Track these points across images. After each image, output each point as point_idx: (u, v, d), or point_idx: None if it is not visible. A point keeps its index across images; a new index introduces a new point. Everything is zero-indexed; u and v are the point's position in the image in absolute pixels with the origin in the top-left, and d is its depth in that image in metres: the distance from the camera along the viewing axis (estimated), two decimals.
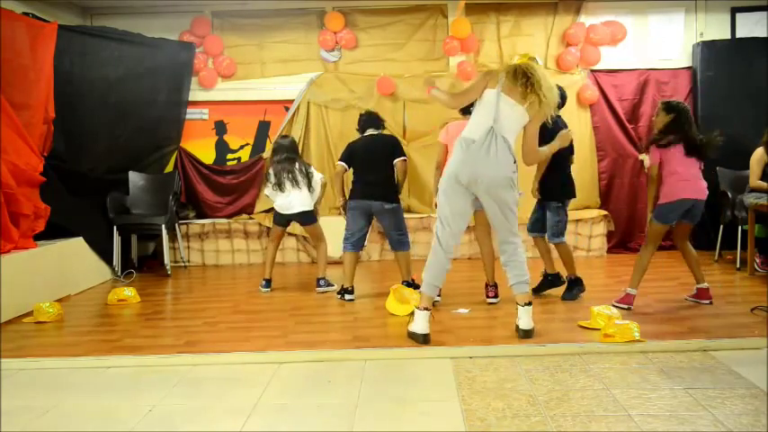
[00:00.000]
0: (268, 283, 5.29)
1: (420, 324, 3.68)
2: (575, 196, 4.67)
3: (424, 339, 3.65)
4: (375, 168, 4.76)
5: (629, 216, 6.69)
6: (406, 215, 6.52)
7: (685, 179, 4.17)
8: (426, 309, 3.71)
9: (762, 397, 2.79)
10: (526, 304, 3.70)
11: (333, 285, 5.13)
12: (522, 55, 3.94)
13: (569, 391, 2.92)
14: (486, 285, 4.61)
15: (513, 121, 3.63)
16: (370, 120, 4.93)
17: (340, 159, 4.92)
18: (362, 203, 4.74)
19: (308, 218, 5.25)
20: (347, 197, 4.91)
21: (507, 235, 3.74)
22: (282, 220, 5.30)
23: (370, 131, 4.88)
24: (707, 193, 4.26)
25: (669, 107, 4.28)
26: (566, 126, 4.43)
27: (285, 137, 5.83)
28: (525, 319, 3.69)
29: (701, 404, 2.73)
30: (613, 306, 4.03)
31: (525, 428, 2.55)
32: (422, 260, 5.86)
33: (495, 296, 4.58)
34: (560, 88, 4.44)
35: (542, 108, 3.63)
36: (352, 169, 4.88)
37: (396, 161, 4.77)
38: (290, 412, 2.83)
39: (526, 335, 3.68)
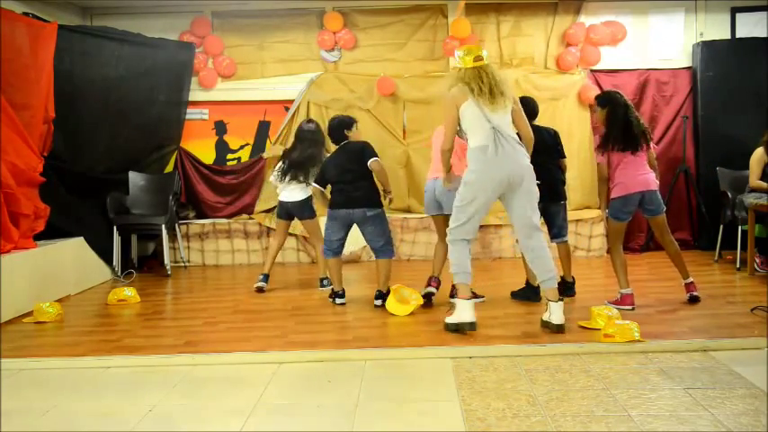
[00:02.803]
0: (266, 277, 5.25)
1: (468, 312, 3.78)
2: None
3: (471, 327, 3.76)
4: (351, 177, 4.56)
5: None
6: (406, 215, 6.60)
7: (631, 175, 4.22)
8: (469, 297, 3.81)
9: (762, 397, 2.79)
10: (559, 299, 3.80)
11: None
12: (470, 52, 3.89)
13: (569, 391, 2.92)
14: (431, 278, 4.64)
15: (501, 115, 3.77)
16: (335, 132, 4.75)
17: (314, 181, 4.76)
18: (342, 213, 4.55)
19: (307, 209, 5.22)
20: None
21: (533, 230, 3.83)
22: (284, 212, 5.27)
23: (341, 144, 4.73)
24: (657, 183, 4.32)
25: (602, 101, 4.31)
26: (549, 134, 4.53)
27: (311, 121, 5.52)
28: (557, 314, 3.77)
29: (701, 404, 2.73)
30: (615, 307, 4.04)
31: (525, 428, 2.55)
32: (424, 260, 5.86)
33: (437, 287, 4.62)
34: (532, 100, 4.51)
35: (509, 99, 3.82)
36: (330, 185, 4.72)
37: (369, 163, 4.56)
38: (290, 412, 2.83)
39: (559, 329, 3.75)
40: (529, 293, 4.59)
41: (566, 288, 4.66)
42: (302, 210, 5.23)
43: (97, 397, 3.09)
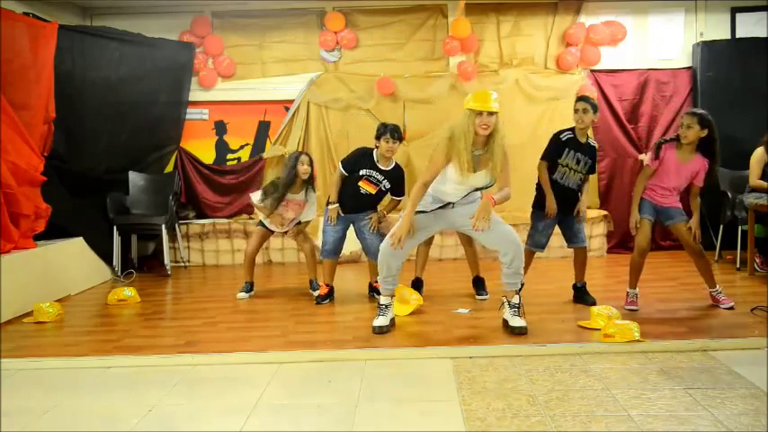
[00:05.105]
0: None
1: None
2: None
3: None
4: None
5: (629, 216, 6.64)
6: None
7: None
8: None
9: (762, 397, 2.79)
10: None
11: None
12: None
13: (569, 391, 2.92)
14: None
15: None
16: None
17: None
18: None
19: None
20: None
21: None
22: None
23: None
24: None
25: (705, 121, 4.11)
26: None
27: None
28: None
29: (701, 404, 2.73)
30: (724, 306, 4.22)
31: (525, 428, 2.55)
32: (432, 261, 5.82)
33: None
34: (590, 100, 4.59)
35: None
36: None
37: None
38: (290, 412, 2.83)
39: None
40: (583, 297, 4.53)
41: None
42: None
43: (97, 397, 3.09)
